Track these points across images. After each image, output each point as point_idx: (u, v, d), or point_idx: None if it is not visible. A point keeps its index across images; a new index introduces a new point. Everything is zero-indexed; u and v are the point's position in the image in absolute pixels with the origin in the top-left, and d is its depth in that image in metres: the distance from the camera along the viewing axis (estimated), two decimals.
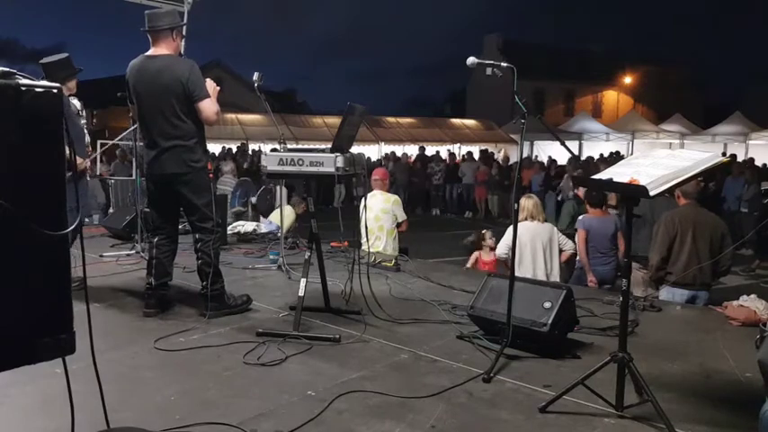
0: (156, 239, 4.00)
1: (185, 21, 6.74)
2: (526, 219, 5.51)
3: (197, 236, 3.92)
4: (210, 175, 4.08)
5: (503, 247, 5.59)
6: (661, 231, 4.85)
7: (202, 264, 3.88)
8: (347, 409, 2.62)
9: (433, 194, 18.16)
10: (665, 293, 4.83)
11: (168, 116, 3.77)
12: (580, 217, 6.12)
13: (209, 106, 3.80)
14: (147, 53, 3.89)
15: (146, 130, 3.92)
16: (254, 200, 9.34)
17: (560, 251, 5.63)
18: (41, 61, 4.58)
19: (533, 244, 5.43)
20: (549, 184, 14.81)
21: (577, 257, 5.81)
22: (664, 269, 4.84)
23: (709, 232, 4.73)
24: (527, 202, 5.59)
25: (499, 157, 19.64)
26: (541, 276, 5.30)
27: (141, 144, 4.89)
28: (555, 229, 5.73)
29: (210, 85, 3.89)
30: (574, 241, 5.81)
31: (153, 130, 3.85)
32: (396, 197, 6.32)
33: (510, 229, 5.44)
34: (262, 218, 8.03)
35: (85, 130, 5.11)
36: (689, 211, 4.85)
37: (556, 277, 5.49)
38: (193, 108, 3.78)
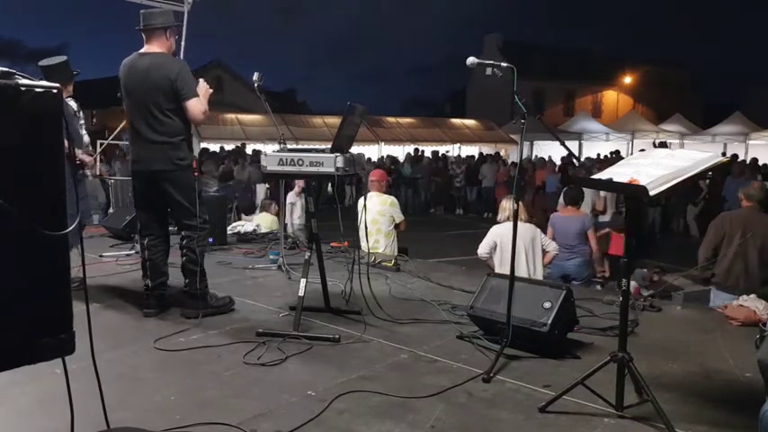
0: (146, 241, 3.98)
1: (185, 21, 6.76)
2: (508, 219, 5.51)
3: (182, 233, 3.91)
4: (195, 174, 4.06)
5: (484, 247, 5.60)
6: (711, 231, 4.81)
7: (187, 261, 3.88)
8: (347, 409, 2.62)
9: (455, 195, 18.54)
10: (712, 295, 4.80)
11: (155, 113, 3.77)
12: (552, 214, 6.84)
13: (195, 105, 3.80)
14: (140, 51, 3.91)
15: (133, 126, 3.92)
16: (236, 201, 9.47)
17: (544, 252, 5.65)
18: (40, 63, 4.59)
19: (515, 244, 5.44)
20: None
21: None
22: (711, 270, 4.79)
23: (761, 239, 4.60)
24: (508, 203, 5.64)
25: (506, 157, 19.88)
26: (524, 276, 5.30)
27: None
28: (538, 230, 5.78)
29: (203, 86, 3.89)
30: None
31: (140, 126, 3.84)
32: (392, 198, 6.30)
33: (492, 230, 5.60)
34: (244, 217, 8.10)
35: (84, 131, 5.11)
36: (745, 213, 4.78)
37: (539, 278, 5.49)
38: (181, 106, 3.79)
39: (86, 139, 5.15)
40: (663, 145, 17.44)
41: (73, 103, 4.79)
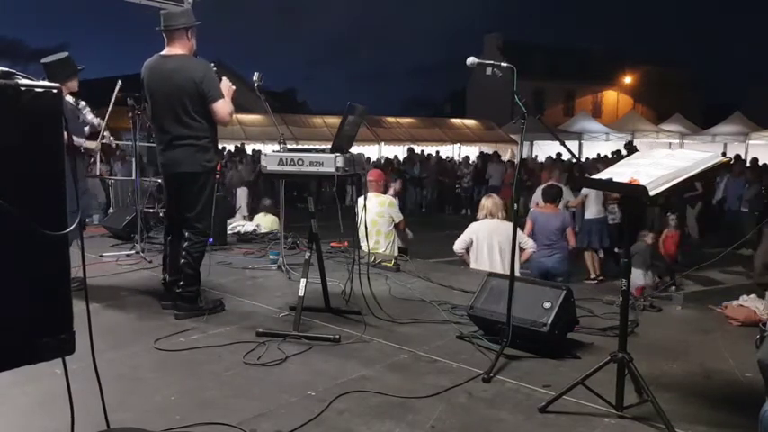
0: (169, 238, 4.05)
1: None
2: (486, 217, 5.68)
3: (187, 234, 3.91)
4: (217, 176, 4.07)
5: (459, 244, 5.72)
6: (765, 236, 4.78)
7: (185, 264, 3.89)
8: (347, 409, 2.62)
9: (462, 196, 18.60)
10: (766, 300, 4.78)
11: (181, 115, 3.77)
12: (531, 209, 7.05)
13: (222, 107, 3.81)
14: (162, 52, 3.89)
15: (159, 128, 3.92)
16: None
17: (521, 249, 5.72)
18: (42, 61, 4.58)
19: (490, 241, 5.55)
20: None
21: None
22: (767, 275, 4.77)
23: None
24: (486, 201, 5.81)
25: (505, 156, 19.93)
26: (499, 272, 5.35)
27: (143, 144, 4.85)
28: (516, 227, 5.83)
29: (225, 84, 3.89)
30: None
31: (166, 128, 3.85)
32: (391, 199, 6.29)
33: (470, 227, 5.76)
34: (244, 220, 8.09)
35: (92, 116, 5.15)
36: None
37: (516, 274, 5.54)
38: (207, 108, 3.79)
39: (93, 121, 5.17)
40: (630, 146, 17.75)
41: (70, 98, 4.80)
